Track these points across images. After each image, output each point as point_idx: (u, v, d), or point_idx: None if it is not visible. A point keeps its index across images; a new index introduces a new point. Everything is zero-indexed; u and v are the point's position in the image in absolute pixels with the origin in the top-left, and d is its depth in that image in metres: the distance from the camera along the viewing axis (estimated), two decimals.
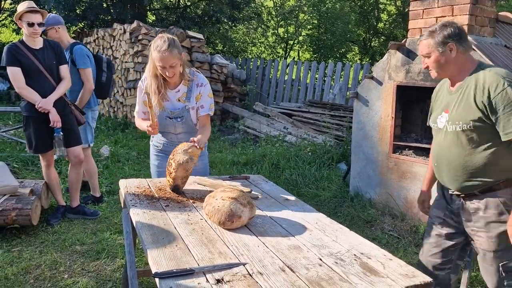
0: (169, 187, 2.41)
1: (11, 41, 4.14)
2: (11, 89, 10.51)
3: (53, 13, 4.20)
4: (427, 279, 1.46)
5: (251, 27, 15.50)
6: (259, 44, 16.41)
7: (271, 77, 9.75)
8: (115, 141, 6.99)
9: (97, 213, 4.09)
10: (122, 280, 2.77)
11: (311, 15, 14.98)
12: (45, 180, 4.04)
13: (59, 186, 4.10)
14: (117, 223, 3.93)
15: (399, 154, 4.24)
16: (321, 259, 1.60)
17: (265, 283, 1.41)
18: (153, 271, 1.49)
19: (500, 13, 4.11)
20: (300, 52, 16.86)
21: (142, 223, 1.93)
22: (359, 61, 14.83)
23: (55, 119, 3.65)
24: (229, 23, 12.86)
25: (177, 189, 2.38)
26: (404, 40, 4.14)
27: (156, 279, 1.46)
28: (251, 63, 10.24)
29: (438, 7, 3.85)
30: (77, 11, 10.77)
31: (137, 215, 2.02)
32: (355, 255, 1.64)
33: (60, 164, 5.30)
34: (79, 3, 10.69)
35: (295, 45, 16.06)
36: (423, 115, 4.54)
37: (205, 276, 1.46)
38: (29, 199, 3.64)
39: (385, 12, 16.65)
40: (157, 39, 2.54)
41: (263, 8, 15.79)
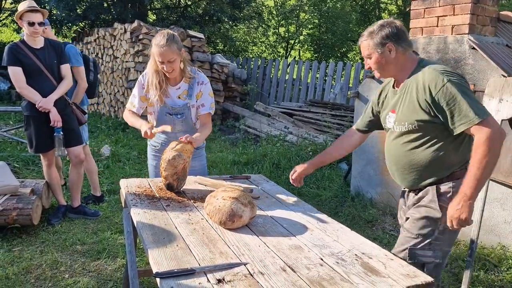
0: (165, 187, 2.40)
1: (12, 41, 4.13)
2: (12, 89, 10.52)
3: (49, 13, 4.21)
4: (428, 279, 1.45)
5: (252, 26, 15.50)
6: (260, 43, 16.42)
7: (272, 76, 9.74)
8: (116, 140, 6.99)
9: (98, 213, 4.09)
10: (123, 280, 2.77)
11: (312, 15, 14.99)
12: (46, 179, 4.04)
13: (59, 185, 4.10)
14: (118, 222, 3.93)
15: None
16: (322, 259, 1.59)
17: (266, 283, 1.41)
18: (154, 271, 1.49)
19: (501, 12, 4.10)
20: (301, 51, 16.87)
21: (143, 222, 1.93)
22: (360, 61, 14.80)
23: (55, 118, 3.65)
24: (230, 22, 12.86)
25: (171, 187, 2.35)
26: None
27: (157, 279, 1.46)
28: (251, 63, 10.23)
29: (439, 6, 3.85)
30: (78, 11, 10.78)
31: (138, 214, 2.02)
32: (356, 255, 1.64)
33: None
34: (79, 3, 10.70)
35: (296, 44, 16.06)
36: None
37: (206, 276, 1.45)
38: (30, 199, 3.64)
39: (386, 11, 16.65)
40: (158, 34, 2.57)
41: (264, 7, 15.80)
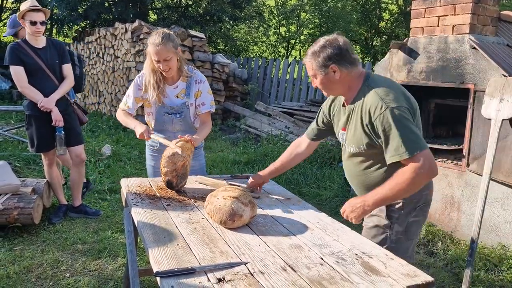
0: (165, 184, 2.39)
1: (13, 40, 4.13)
2: (13, 88, 10.54)
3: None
4: (429, 278, 1.45)
5: (253, 26, 15.50)
6: (261, 43, 16.42)
7: (272, 76, 9.74)
8: (117, 140, 6.99)
9: (99, 212, 4.10)
10: (123, 279, 2.77)
11: (313, 14, 14.98)
12: (47, 179, 4.05)
13: (60, 185, 4.11)
14: (118, 222, 3.93)
15: None
16: (322, 259, 1.60)
17: (266, 282, 1.41)
18: (155, 270, 1.49)
19: (502, 12, 4.10)
20: (301, 51, 16.85)
21: (143, 222, 1.93)
22: (361, 60, 14.80)
23: (57, 118, 3.66)
24: (231, 22, 12.86)
25: (170, 184, 2.34)
26: (406, 39, 4.13)
27: (157, 278, 1.46)
28: (252, 62, 10.23)
29: (440, 6, 3.84)
30: (79, 10, 10.79)
31: (138, 214, 2.02)
32: (356, 254, 1.64)
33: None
34: (81, 2, 10.70)
35: (296, 44, 16.05)
36: (425, 114, 4.54)
37: (207, 275, 1.46)
38: (31, 198, 3.65)
39: (387, 11, 16.63)
40: (153, 33, 2.56)
41: (265, 7, 15.79)
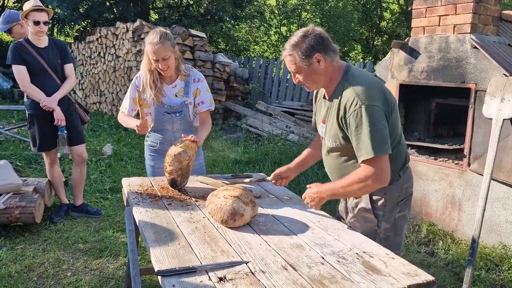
0: (168, 183, 2.39)
1: (14, 40, 4.13)
2: (14, 88, 10.55)
3: (14, 11, 4.14)
4: (430, 278, 1.46)
5: (254, 25, 15.50)
6: (262, 42, 16.42)
7: (273, 75, 9.73)
8: (118, 139, 7.00)
9: (100, 212, 4.10)
10: (125, 278, 2.78)
11: (314, 14, 14.98)
12: (48, 178, 4.06)
13: (62, 184, 4.12)
14: (120, 221, 3.94)
15: None
16: (323, 258, 1.60)
17: (267, 281, 1.42)
18: (156, 269, 1.50)
19: (503, 12, 4.09)
20: None
21: (144, 221, 1.93)
22: (362, 60, 14.79)
23: (59, 117, 3.67)
24: (232, 21, 12.87)
25: (174, 183, 2.34)
26: (407, 38, 4.13)
27: (159, 277, 1.47)
28: (253, 62, 10.22)
29: (441, 5, 3.84)
30: (80, 10, 10.80)
31: (139, 213, 2.03)
32: (357, 253, 1.64)
33: (63, 162, 5.31)
34: (82, 2, 10.71)
35: None
36: (426, 114, 4.54)
37: (208, 274, 1.46)
38: (32, 197, 3.65)
39: (388, 10, 16.62)
40: (150, 33, 2.56)
41: (266, 6, 15.80)
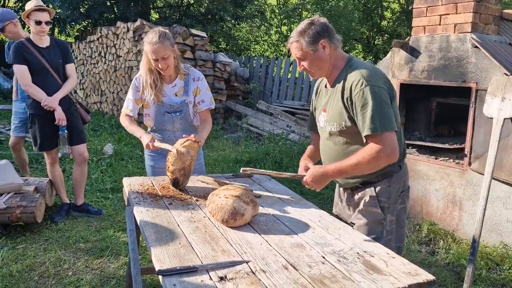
0: (170, 183, 2.40)
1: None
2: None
3: (9, 10, 4.14)
4: (430, 277, 1.46)
5: (254, 25, 15.50)
6: (262, 42, 16.41)
7: (274, 75, 9.73)
8: (119, 139, 7.00)
9: (101, 211, 4.11)
10: (125, 277, 2.78)
11: (315, 13, 14.96)
12: (49, 177, 4.06)
13: (63, 183, 4.12)
14: (120, 221, 3.94)
15: None
16: (324, 257, 1.60)
17: (268, 281, 1.42)
18: (157, 269, 1.50)
19: (504, 11, 4.09)
20: None
21: (145, 221, 1.94)
22: (362, 59, 14.80)
23: (60, 117, 3.67)
24: (232, 21, 12.87)
25: (177, 182, 2.35)
26: (407, 38, 4.12)
27: (159, 276, 1.47)
28: (254, 61, 10.22)
29: (442, 4, 3.84)
30: (81, 10, 10.81)
31: (140, 213, 2.03)
32: (358, 253, 1.64)
33: (64, 162, 5.32)
34: (83, 2, 10.72)
35: None
36: (426, 113, 4.53)
37: (208, 273, 1.46)
38: (33, 197, 3.66)
39: (389, 10, 16.61)
40: (149, 32, 2.56)
41: (266, 6, 15.79)
